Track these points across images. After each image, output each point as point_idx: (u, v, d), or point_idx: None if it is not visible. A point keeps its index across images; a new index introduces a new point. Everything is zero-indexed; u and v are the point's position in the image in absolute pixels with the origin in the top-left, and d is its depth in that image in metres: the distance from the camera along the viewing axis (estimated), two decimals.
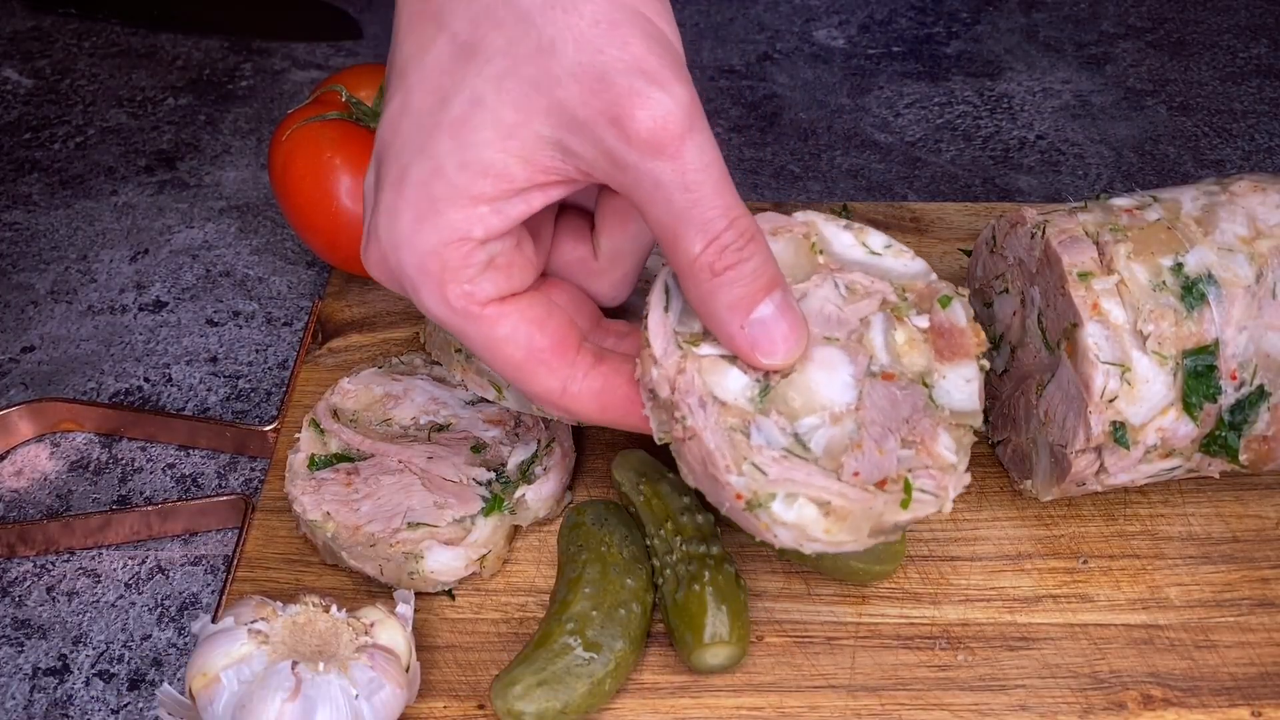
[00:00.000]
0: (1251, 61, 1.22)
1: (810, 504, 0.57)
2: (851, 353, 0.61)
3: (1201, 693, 0.66)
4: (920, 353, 0.63)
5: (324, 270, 0.97)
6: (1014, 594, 0.71)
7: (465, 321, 0.59)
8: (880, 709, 0.65)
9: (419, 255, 0.57)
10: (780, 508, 0.56)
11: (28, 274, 0.98)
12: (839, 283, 0.63)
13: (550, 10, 0.54)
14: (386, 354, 0.85)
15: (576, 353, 0.61)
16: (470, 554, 0.70)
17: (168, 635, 0.74)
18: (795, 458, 0.58)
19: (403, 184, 0.57)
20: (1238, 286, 0.67)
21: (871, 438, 0.59)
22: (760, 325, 0.58)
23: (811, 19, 1.30)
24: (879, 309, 0.63)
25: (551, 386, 0.61)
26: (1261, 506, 0.75)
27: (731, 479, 0.57)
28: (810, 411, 0.60)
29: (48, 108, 1.16)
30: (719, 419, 0.58)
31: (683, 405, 0.58)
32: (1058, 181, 1.07)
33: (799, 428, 0.59)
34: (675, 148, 0.54)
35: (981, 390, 0.62)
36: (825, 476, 0.58)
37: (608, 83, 0.53)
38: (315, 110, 0.85)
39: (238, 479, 0.82)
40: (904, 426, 0.60)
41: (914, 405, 0.61)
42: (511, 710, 0.63)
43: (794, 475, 0.57)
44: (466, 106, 0.55)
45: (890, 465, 0.59)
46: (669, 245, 0.56)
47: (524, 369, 0.60)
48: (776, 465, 0.57)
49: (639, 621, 0.66)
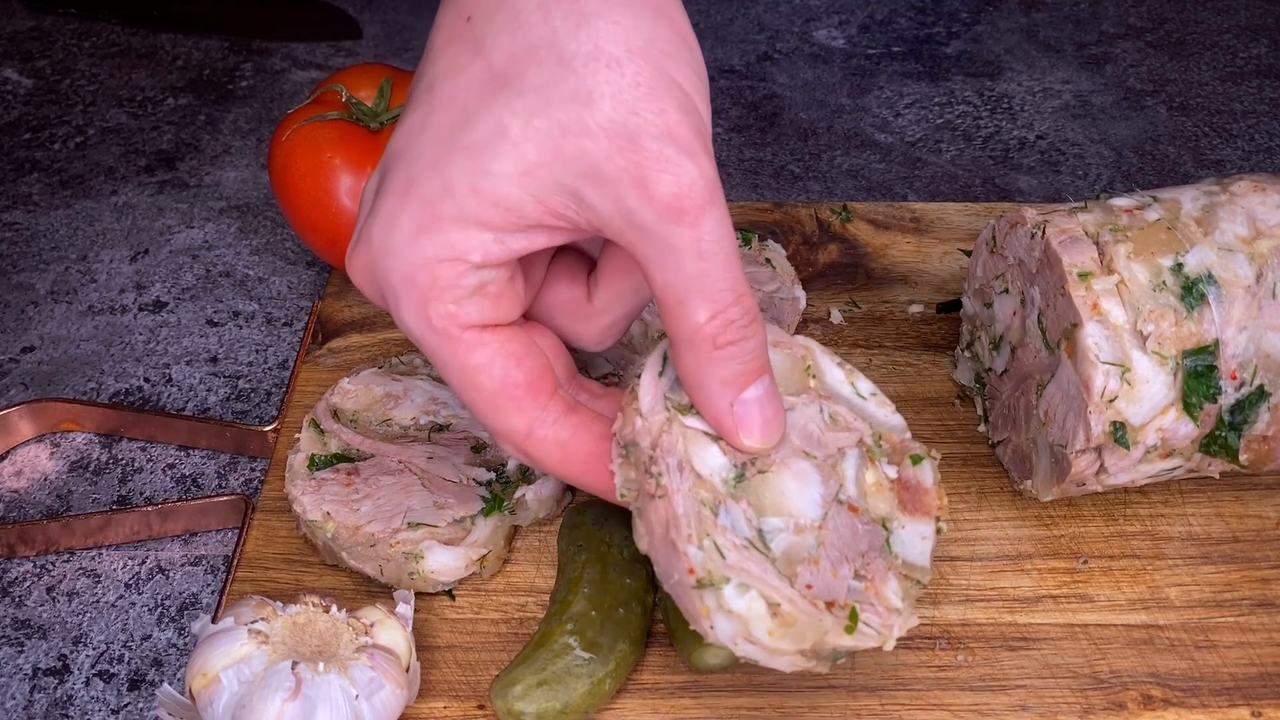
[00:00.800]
0: (1251, 61, 1.22)
1: (761, 600, 0.55)
2: (824, 475, 0.61)
3: (1201, 693, 0.66)
4: (885, 499, 0.62)
5: (324, 270, 0.97)
6: (1014, 594, 0.71)
7: (442, 342, 0.58)
8: (880, 709, 0.65)
9: (410, 266, 0.57)
10: (733, 593, 0.55)
11: (28, 274, 0.98)
12: (824, 409, 0.63)
13: (593, 62, 0.54)
14: (386, 354, 0.85)
15: (549, 398, 0.60)
16: (470, 554, 0.70)
17: (168, 635, 0.74)
18: (756, 551, 0.57)
19: (408, 194, 0.57)
20: (1238, 286, 0.67)
21: (829, 558, 0.58)
22: (749, 406, 0.57)
23: (811, 19, 1.30)
24: (855, 445, 0.63)
25: (517, 426, 0.59)
26: (1261, 506, 0.75)
27: (690, 551, 0.55)
28: (778, 513, 0.59)
29: (48, 108, 1.16)
30: (693, 488, 0.57)
31: (661, 462, 0.57)
32: (1058, 181, 1.07)
33: (764, 524, 0.58)
34: (695, 216, 0.54)
35: (933, 551, 0.61)
36: (779, 579, 0.56)
37: (638, 144, 0.53)
38: (315, 110, 0.85)
39: (238, 479, 0.82)
40: (859, 559, 0.59)
41: (871, 543, 0.60)
42: (511, 710, 0.63)
43: (750, 567, 0.56)
44: (490, 134, 0.55)
45: (841, 591, 0.58)
46: (673, 311, 0.56)
47: (494, 402, 0.59)
48: (736, 552, 0.56)
49: (639, 621, 0.66)
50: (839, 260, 0.92)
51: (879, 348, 0.86)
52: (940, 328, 0.87)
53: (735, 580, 0.55)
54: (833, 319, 0.88)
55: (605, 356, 0.78)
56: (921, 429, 0.80)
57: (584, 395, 0.64)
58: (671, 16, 0.57)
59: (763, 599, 0.55)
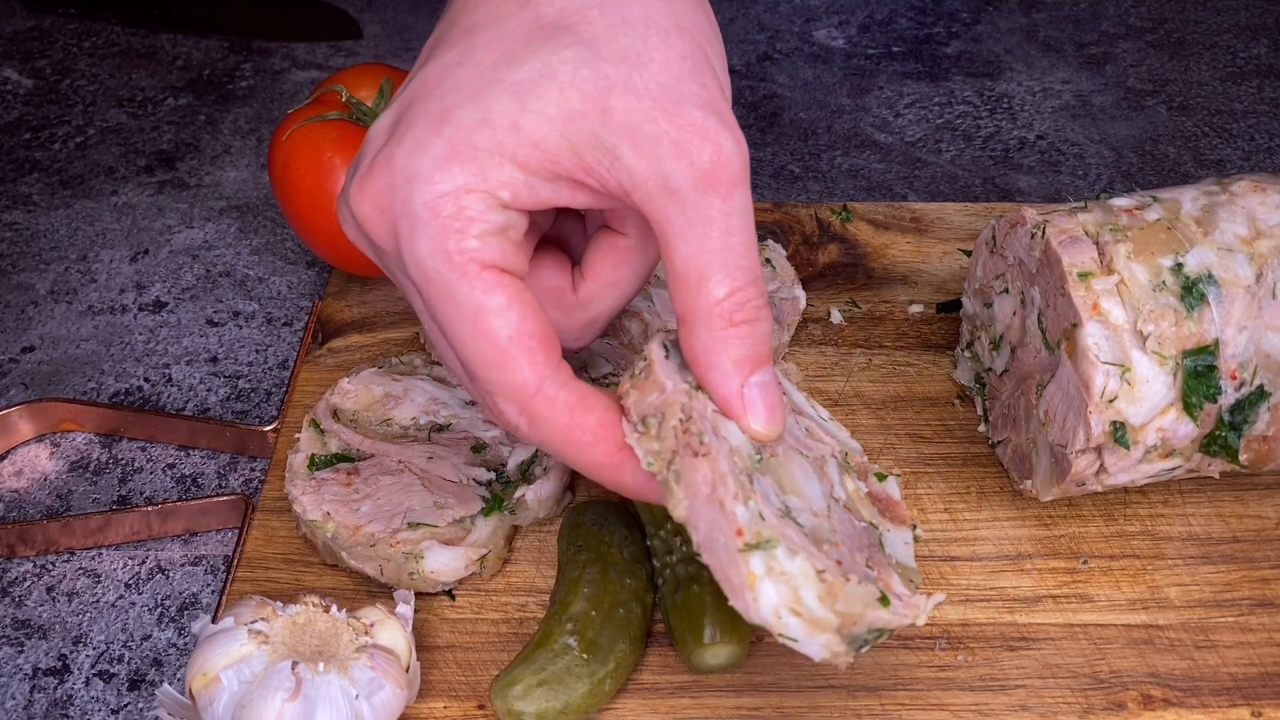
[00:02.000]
0: (1251, 61, 1.21)
1: (809, 564, 0.53)
2: (819, 473, 0.61)
3: (1201, 693, 0.66)
4: (866, 507, 0.63)
5: (324, 270, 0.97)
6: (1014, 594, 0.71)
7: (460, 279, 0.54)
8: (880, 709, 0.65)
9: (435, 193, 0.54)
10: (784, 554, 0.52)
11: (28, 274, 0.98)
12: (799, 422, 0.63)
13: (646, 29, 0.55)
14: (386, 354, 0.85)
15: (558, 361, 0.57)
16: (470, 554, 0.70)
17: (168, 635, 0.74)
18: (790, 520, 0.56)
19: (443, 121, 0.55)
20: (1238, 286, 0.67)
21: (844, 545, 0.58)
22: (760, 389, 0.57)
23: (811, 19, 1.30)
24: (832, 456, 0.63)
25: (528, 379, 0.55)
26: (1261, 506, 0.75)
27: (739, 510, 0.53)
28: (796, 495, 0.58)
29: (48, 108, 1.16)
30: (730, 453, 0.55)
31: (700, 421, 0.55)
32: (1058, 181, 1.07)
33: (788, 501, 0.57)
34: (729, 189, 0.54)
35: (913, 555, 0.62)
36: (814, 550, 0.55)
37: (682, 110, 0.54)
38: (315, 110, 0.85)
39: (238, 479, 0.82)
40: (866, 551, 0.59)
41: (869, 540, 0.60)
42: (511, 710, 0.63)
43: (790, 534, 0.54)
44: (537, 74, 0.54)
45: (863, 574, 0.57)
46: (692, 285, 0.55)
47: (506, 351, 0.55)
48: (774, 521, 0.54)
49: (639, 621, 0.66)
50: (839, 260, 0.92)
51: (879, 348, 0.86)
52: (940, 328, 0.87)
53: (783, 543, 0.53)
54: (833, 319, 0.88)
55: (605, 357, 0.78)
56: (921, 429, 0.80)
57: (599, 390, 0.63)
58: (707, 8, 0.58)
59: (810, 564, 0.53)
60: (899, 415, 0.81)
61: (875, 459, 0.78)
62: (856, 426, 0.80)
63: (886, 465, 0.78)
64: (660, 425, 0.56)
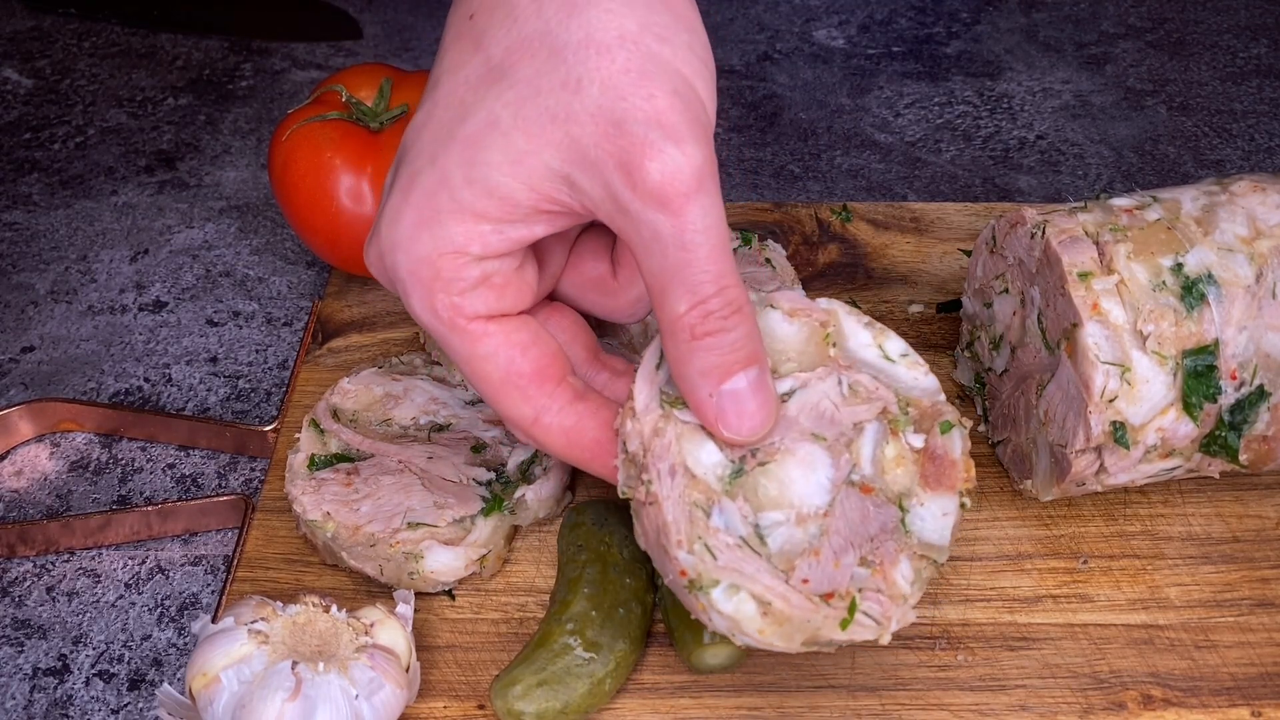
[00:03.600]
0: (1251, 61, 1.22)
1: (751, 600, 0.56)
2: (835, 455, 0.60)
3: (1201, 693, 0.66)
4: (906, 472, 0.61)
5: (324, 270, 0.97)
6: (1014, 594, 0.71)
7: (449, 332, 0.59)
8: (880, 709, 0.65)
9: (413, 260, 0.58)
10: (720, 596, 0.55)
11: (28, 274, 0.98)
12: (843, 381, 0.62)
13: (584, 50, 0.54)
14: (386, 354, 0.85)
15: (556, 385, 0.61)
16: (470, 554, 0.70)
17: (168, 635, 0.74)
18: (749, 550, 0.57)
19: (411, 189, 0.58)
20: (1238, 286, 0.67)
21: (831, 548, 0.58)
22: (729, 397, 0.57)
23: (811, 19, 1.30)
24: (876, 418, 0.61)
25: (524, 413, 0.61)
26: (1261, 506, 0.75)
27: (680, 555, 0.56)
28: (777, 507, 0.58)
29: (48, 108, 1.16)
30: (685, 490, 0.57)
31: (652, 469, 0.57)
32: (1058, 181, 1.07)
33: (761, 520, 0.58)
34: (679, 204, 0.54)
35: (956, 528, 0.60)
36: (773, 576, 0.56)
37: (624, 129, 0.54)
38: (315, 110, 0.85)
39: (238, 479, 0.82)
40: (867, 544, 0.59)
41: (883, 525, 0.59)
42: (511, 710, 0.63)
43: (743, 567, 0.56)
44: (482, 126, 0.56)
45: (842, 580, 0.57)
46: (656, 298, 0.56)
47: (500, 391, 0.60)
48: (728, 552, 0.56)
49: (639, 621, 0.66)
50: (839, 260, 0.92)
51: None
52: (940, 328, 0.87)
53: (725, 582, 0.55)
54: None
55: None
56: None
57: (605, 375, 0.64)
58: (671, 2, 0.57)
59: (753, 599, 0.56)
60: None
61: None
62: None
63: None
64: (627, 451, 0.59)
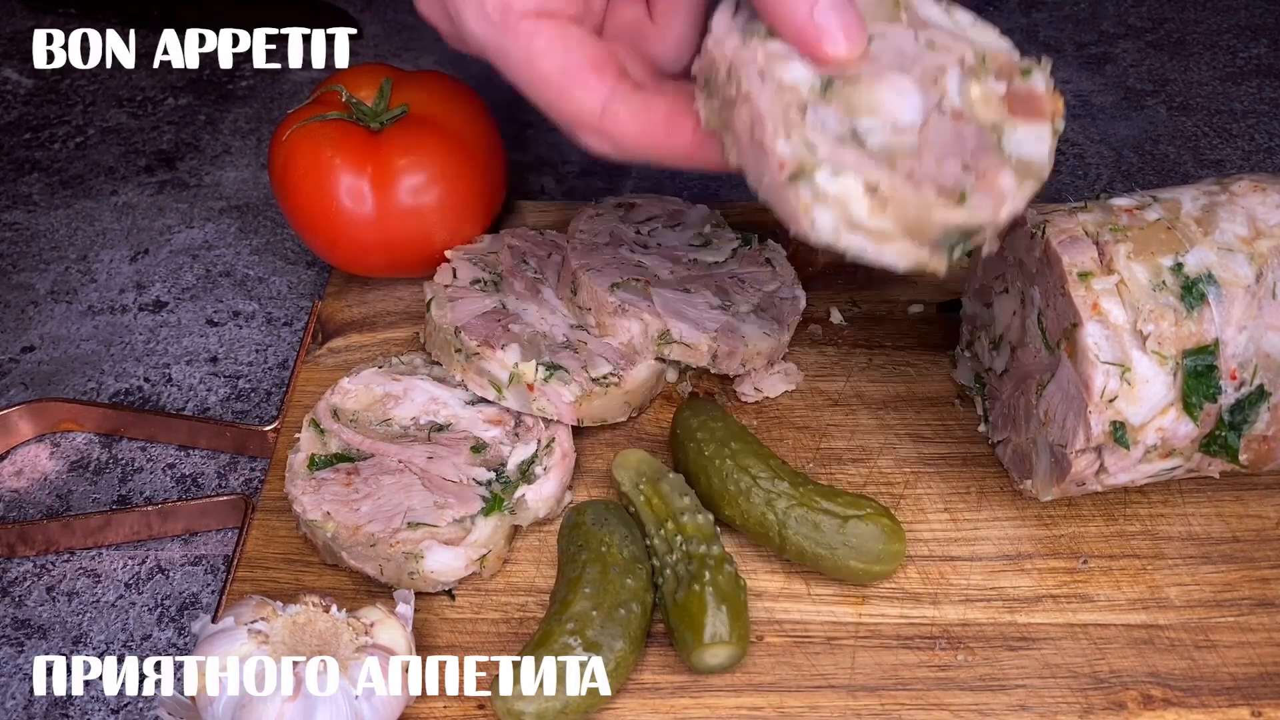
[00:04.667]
0: (1251, 61, 1.21)
1: (858, 181, 0.53)
2: (924, 87, 0.58)
3: (1201, 693, 0.66)
4: (994, 109, 0.59)
5: (324, 270, 0.97)
6: (1014, 594, 0.71)
7: (503, 35, 0.60)
8: (880, 709, 0.65)
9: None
10: (825, 178, 0.53)
11: (28, 274, 0.98)
12: (919, 36, 0.60)
13: None
14: (386, 354, 0.85)
15: (617, 78, 0.61)
16: (470, 554, 0.70)
17: (168, 635, 0.73)
18: (849, 145, 0.55)
19: None
20: (1238, 286, 0.67)
21: (932, 154, 0.56)
22: (828, 13, 0.56)
23: None
24: (956, 64, 0.59)
25: (590, 106, 0.60)
26: (1261, 506, 0.75)
27: (779, 144, 0.54)
28: (872, 115, 0.57)
29: (48, 108, 1.16)
30: (776, 92, 0.55)
31: (741, 69, 0.56)
32: (1058, 181, 1.07)
33: (858, 124, 0.56)
34: None
35: (1052, 151, 0.58)
36: (877, 166, 0.54)
37: None
38: (315, 110, 0.85)
39: (238, 479, 0.82)
40: (967, 156, 0.56)
41: (980, 144, 0.57)
42: (511, 710, 0.63)
43: (844, 156, 0.54)
44: None
45: (948, 178, 0.55)
46: None
47: (561, 86, 0.60)
48: (828, 145, 0.54)
49: (639, 621, 0.66)
50: (839, 260, 0.92)
51: (879, 348, 0.86)
52: (940, 328, 0.87)
53: (829, 165, 0.54)
54: (833, 319, 0.88)
55: (604, 357, 0.78)
56: (921, 429, 0.80)
57: (668, 87, 0.63)
58: None
59: (859, 180, 0.54)
60: (899, 415, 0.81)
61: (875, 459, 0.78)
62: (856, 426, 0.80)
63: (886, 465, 0.78)
64: (711, 82, 0.58)
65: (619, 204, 0.90)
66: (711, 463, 0.72)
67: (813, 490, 0.71)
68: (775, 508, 0.70)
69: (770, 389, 0.82)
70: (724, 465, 0.72)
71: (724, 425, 0.74)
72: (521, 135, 1.13)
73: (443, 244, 0.86)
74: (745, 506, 0.71)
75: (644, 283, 0.81)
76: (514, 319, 0.80)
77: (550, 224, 0.94)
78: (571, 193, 1.06)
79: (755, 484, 0.71)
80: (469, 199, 0.86)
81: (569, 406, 0.76)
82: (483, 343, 0.77)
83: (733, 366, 0.80)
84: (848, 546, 0.69)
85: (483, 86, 1.19)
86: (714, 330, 0.79)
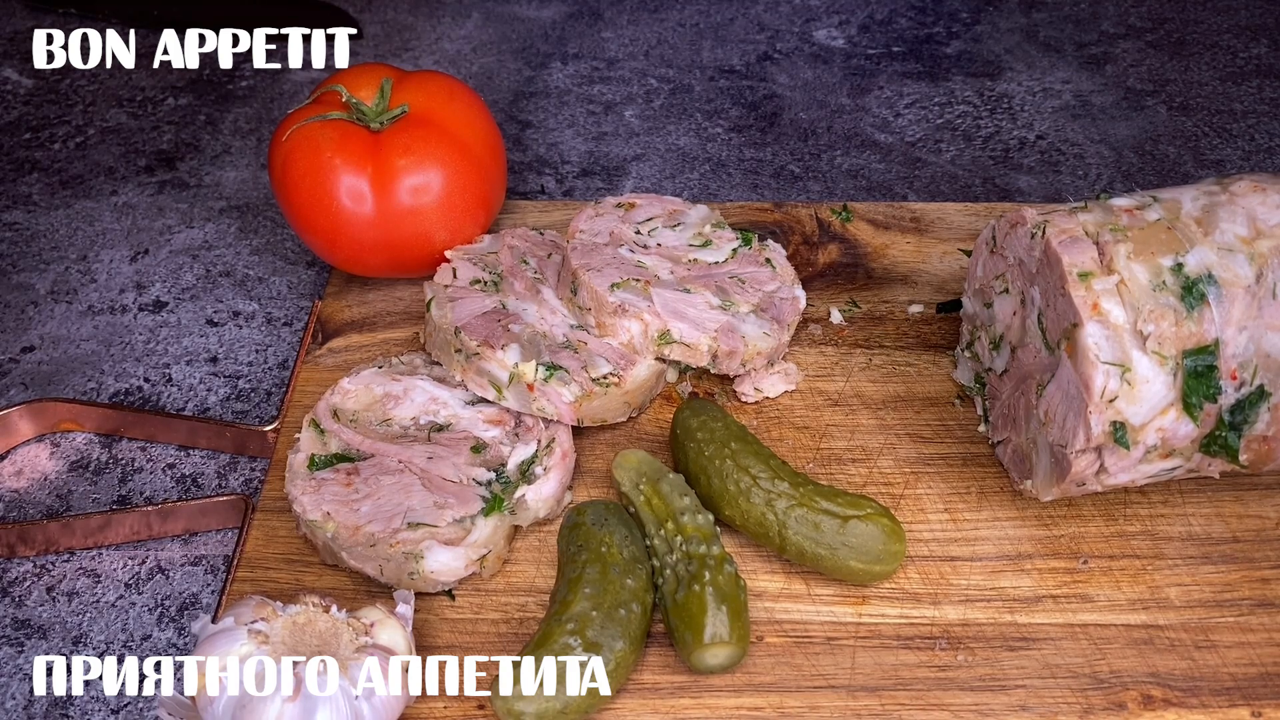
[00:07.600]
0: (1251, 61, 1.21)
1: None
2: None
3: (1201, 693, 0.66)
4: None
5: (324, 270, 0.97)
6: (1014, 594, 0.71)
7: None
8: (880, 709, 0.65)
9: None
10: None
11: (28, 274, 0.98)
12: None
13: None
14: (386, 354, 0.85)
15: None
16: (470, 554, 0.70)
17: (168, 635, 0.73)
18: None
19: None
20: (1238, 286, 0.67)
21: None
22: None
23: (811, 19, 1.30)
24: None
25: None
26: (1261, 506, 0.75)
27: None
28: None
29: (48, 108, 1.16)
30: None
31: None
32: (1058, 181, 1.07)
33: None
34: None
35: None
36: None
37: None
38: (315, 110, 0.85)
39: (238, 479, 0.82)
40: None
41: None
42: (511, 710, 0.63)
43: None
44: None
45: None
46: None
47: None
48: None
49: (639, 621, 0.66)
50: (839, 260, 0.92)
51: (879, 348, 0.86)
52: (940, 328, 0.87)
53: None
54: (833, 319, 0.88)
55: (604, 357, 0.78)
56: (921, 429, 0.80)
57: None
58: None
59: None
60: (899, 415, 0.81)
61: (875, 459, 0.78)
62: (856, 426, 0.80)
63: (886, 465, 0.78)
64: None
65: (619, 204, 0.90)
66: (711, 463, 0.72)
67: (813, 490, 0.71)
68: (775, 508, 0.70)
69: (770, 389, 0.82)
70: (724, 465, 0.72)
71: (724, 425, 0.74)
72: (521, 135, 1.13)
73: (443, 244, 0.86)
74: (745, 506, 0.71)
75: (644, 283, 0.81)
76: (514, 319, 0.80)
77: (550, 224, 0.94)
78: (571, 193, 1.06)
79: (755, 484, 0.71)
80: (469, 199, 0.86)
81: (569, 406, 0.76)
82: (483, 343, 0.77)
83: (733, 366, 0.80)
84: (848, 547, 0.69)
85: (483, 87, 1.20)
86: (714, 330, 0.79)
